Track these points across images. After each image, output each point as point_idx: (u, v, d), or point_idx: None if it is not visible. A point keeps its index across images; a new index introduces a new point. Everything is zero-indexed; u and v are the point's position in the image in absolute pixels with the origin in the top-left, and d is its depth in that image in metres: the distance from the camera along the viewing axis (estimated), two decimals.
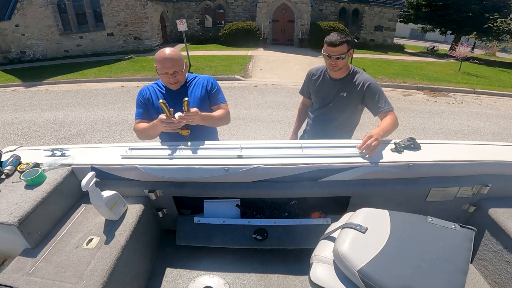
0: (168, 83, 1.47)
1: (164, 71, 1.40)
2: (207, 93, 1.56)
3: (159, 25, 14.39)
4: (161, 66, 1.39)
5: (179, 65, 1.42)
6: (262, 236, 1.38)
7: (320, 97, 1.75)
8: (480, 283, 1.29)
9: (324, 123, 1.79)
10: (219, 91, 1.61)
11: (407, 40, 25.77)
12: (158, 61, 1.40)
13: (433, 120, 5.55)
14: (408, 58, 13.56)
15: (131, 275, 1.21)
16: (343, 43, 1.48)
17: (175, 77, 1.42)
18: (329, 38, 1.51)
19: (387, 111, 1.54)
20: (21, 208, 1.09)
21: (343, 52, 1.49)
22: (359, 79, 1.61)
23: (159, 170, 1.30)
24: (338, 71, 1.60)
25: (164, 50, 1.41)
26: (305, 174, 1.30)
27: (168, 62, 1.38)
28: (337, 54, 1.49)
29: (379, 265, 0.83)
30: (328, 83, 1.69)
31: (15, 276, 1.01)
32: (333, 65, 1.55)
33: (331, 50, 1.50)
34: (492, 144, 1.44)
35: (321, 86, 1.72)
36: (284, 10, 14.33)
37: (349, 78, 1.64)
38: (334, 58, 1.51)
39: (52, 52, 13.63)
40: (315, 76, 1.76)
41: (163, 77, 1.43)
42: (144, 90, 1.55)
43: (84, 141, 4.48)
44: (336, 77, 1.66)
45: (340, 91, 1.65)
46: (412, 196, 1.34)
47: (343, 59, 1.52)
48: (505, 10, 15.19)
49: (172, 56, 1.39)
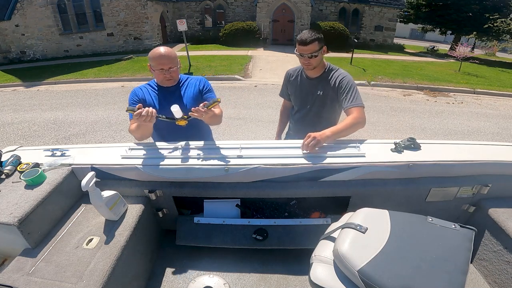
0: (164, 79, 1.48)
1: (159, 67, 1.42)
2: (200, 93, 1.58)
3: (159, 25, 14.39)
4: (157, 63, 1.41)
5: (174, 62, 1.45)
6: (262, 236, 1.38)
7: (299, 97, 1.74)
8: (480, 283, 1.29)
9: (306, 124, 1.76)
10: (212, 91, 1.63)
11: (407, 40, 25.77)
12: (153, 58, 1.42)
13: (433, 120, 5.55)
14: (408, 58, 13.57)
15: (131, 275, 1.21)
16: (314, 41, 1.45)
17: (170, 73, 1.44)
18: (300, 36, 1.48)
19: (353, 106, 1.47)
20: (21, 208, 1.09)
21: (315, 50, 1.47)
22: (334, 75, 1.59)
23: (159, 170, 1.30)
24: (313, 69, 1.59)
25: (158, 48, 1.43)
26: (305, 174, 1.30)
27: (163, 58, 1.41)
28: (309, 53, 1.48)
29: (379, 265, 0.83)
30: (305, 83, 1.68)
31: (15, 276, 1.01)
32: (307, 64, 1.54)
33: (302, 49, 1.48)
34: (492, 144, 1.44)
35: (299, 86, 1.71)
36: (284, 10, 14.33)
37: (325, 76, 1.62)
38: (306, 56, 1.49)
39: (52, 52, 13.64)
40: (292, 77, 1.74)
41: (158, 73, 1.45)
42: (137, 90, 1.55)
43: (84, 141, 4.48)
44: (312, 76, 1.64)
45: (317, 90, 1.64)
46: (412, 196, 1.34)
47: (316, 57, 1.50)
48: (505, 10, 15.19)
49: (167, 52, 1.42)
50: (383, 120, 5.38)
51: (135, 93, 1.55)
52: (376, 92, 7.53)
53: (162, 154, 1.37)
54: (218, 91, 6.96)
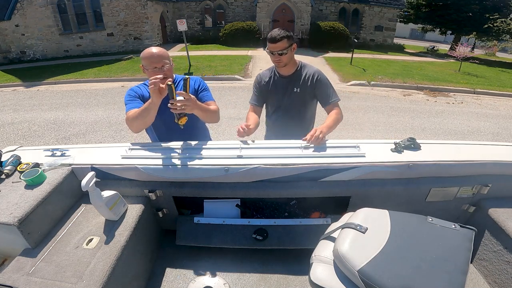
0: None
1: (153, 66, 1.40)
2: (196, 92, 1.58)
3: (159, 25, 14.39)
4: (149, 62, 1.40)
5: (166, 59, 1.43)
6: (262, 236, 1.38)
7: (275, 97, 1.74)
8: (480, 283, 1.29)
9: (283, 123, 1.79)
10: (207, 90, 1.63)
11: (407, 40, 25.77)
12: (145, 58, 1.41)
13: (433, 120, 5.55)
14: (408, 58, 13.56)
15: (131, 275, 1.21)
16: (283, 38, 1.49)
17: (164, 71, 1.42)
18: (270, 34, 1.53)
19: (335, 102, 1.63)
20: (21, 208, 1.09)
21: (284, 48, 1.51)
22: (308, 72, 1.65)
23: (159, 170, 1.30)
24: (285, 67, 1.62)
25: (150, 48, 1.43)
26: (305, 174, 1.30)
27: (155, 57, 1.40)
28: (279, 50, 1.52)
29: (379, 265, 0.83)
30: (280, 82, 1.70)
31: (15, 276, 1.01)
32: (277, 61, 1.57)
33: (272, 47, 1.53)
34: (492, 144, 1.44)
35: (273, 85, 1.72)
36: (284, 10, 14.33)
37: (298, 73, 1.66)
38: (276, 54, 1.53)
39: (52, 52, 13.64)
40: (266, 78, 1.74)
41: (152, 73, 1.41)
42: (133, 88, 1.55)
43: (84, 141, 4.48)
44: (285, 74, 1.68)
45: (292, 87, 1.67)
46: (412, 196, 1.34)
47: (286, 55, 1.54)
48: (505, 10, 15.19)
49: (159, 51, 1.41)
50: (383, 120, 5.37)
51: (132, 90, 1.54)
52: (376, 92, 7.53)
53: (162, 154, 1.37)
54: (218, 91, 6.99)
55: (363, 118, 5.40)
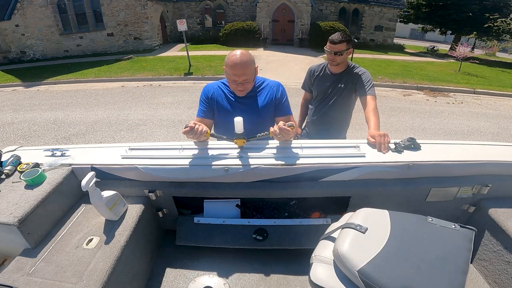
0: (236, 90, 1.43)
1: (233, 78, 1.32)
2: (275, 101, 1.49)
3: (159, 25, 14.39)
4: (231, 73, 1.31)
5: (249, 73, 1.34)
6: (262, 236, 1.38)
7: (321, 89, 1.96)
8: (480, 283, 1.29)
9: (324, 113, 2.01)
10: (287, 100, 1.54)
11: (407, 40, 25.78)
12: (228, 66, 1.32)
13: (433, 120, 5.55)
14: (408, 58, 13.56)
15: (131, 275, 1.21)
16: (343, 41, 1.71)
17: (243, 85, 1.37)
18: (332, 36, 1.75)
19: (371, 94, 1.78)
20: (21, 208, 1.09)
21: (341, 50, 1.72)
22: (355, 71, 1.84)
23: (159, 170, 1.30)
24: (337, 66, 1.82)
25: (235, 54, 1.31)
26: (305, 174, 1.30)
27: (238, 69, 1.30)
28: (336, 51, 1.73)
29: (379, 265, 0.83)
30: (328, 77, 1.91)
31: (15, 276, 1.01)
32: (332, 59, 1.78)
33: (331, 47, 1.74)
34: (492, 144, 1.44)
35: (322, 79, 1.94)
36: (284, 10, 14.34)
37: (346, 71, 1.86)
38: (333, 53, 1.74)
39: (52, 52, 13.64)
40: (317, 72, 1.97)
41: (231, 83, 1.38)
42: (208, 89, 1.51)
43: (84, 141, 4.48)
44: (335, 71, 1.88)
45: (338, 83, 1.87)
46: (412, 196, 1.34)
47: (341, 55, 1.74)
48: (505, 10, 15.20)
49: (244, 62, 1.30)
50: (383, 120, 5.37)
51: (205, 90, 1.50)
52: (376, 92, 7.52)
53: (162, 154, 1.37)
54: None
55: (363, 118, 5.39)
